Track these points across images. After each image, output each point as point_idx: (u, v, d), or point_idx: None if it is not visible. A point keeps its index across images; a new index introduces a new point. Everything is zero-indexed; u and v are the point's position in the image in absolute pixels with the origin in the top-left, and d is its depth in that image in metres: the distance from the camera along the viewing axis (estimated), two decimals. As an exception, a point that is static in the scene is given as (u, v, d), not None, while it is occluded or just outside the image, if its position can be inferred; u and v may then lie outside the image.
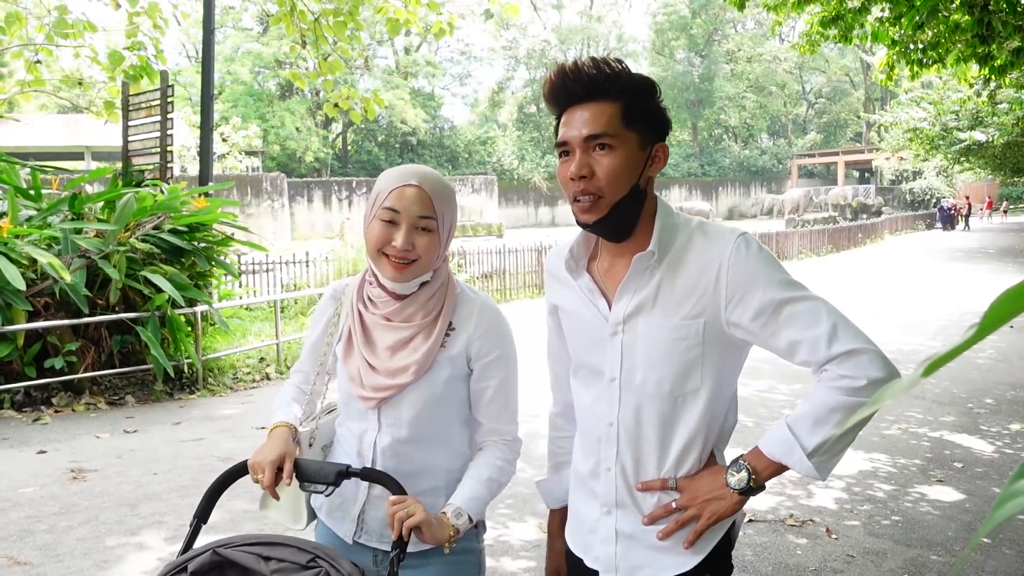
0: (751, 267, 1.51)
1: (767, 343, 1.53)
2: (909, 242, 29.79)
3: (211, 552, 1.55)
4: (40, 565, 3.82)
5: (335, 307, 1.90)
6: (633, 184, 1.54)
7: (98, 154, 26.21)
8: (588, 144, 1.52)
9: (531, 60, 54.21)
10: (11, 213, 7.06)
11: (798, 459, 1.48)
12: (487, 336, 1.78)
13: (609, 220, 1.54)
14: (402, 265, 1.70)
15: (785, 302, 1.49)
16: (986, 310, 0.38)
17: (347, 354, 1.82)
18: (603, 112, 1.52)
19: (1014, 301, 0.37)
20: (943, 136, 20.78)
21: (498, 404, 1.81)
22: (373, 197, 1.75)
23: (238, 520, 4.30)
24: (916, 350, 9.60)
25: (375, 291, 1.80)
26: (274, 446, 1.74)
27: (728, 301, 1.52)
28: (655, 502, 1.61)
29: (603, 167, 1.52)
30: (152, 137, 8.85)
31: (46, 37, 9.89)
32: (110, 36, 13.17)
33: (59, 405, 6.90)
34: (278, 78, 43.22)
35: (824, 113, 60.15)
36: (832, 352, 1.46)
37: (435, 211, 1.72)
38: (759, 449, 1.55)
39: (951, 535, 4.24)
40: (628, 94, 1.53)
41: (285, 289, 12.04)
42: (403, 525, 1.60)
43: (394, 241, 1.69)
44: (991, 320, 0.37)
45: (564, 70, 1.55)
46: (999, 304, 0.36)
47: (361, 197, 33.50)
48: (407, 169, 1.75)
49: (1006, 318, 0.38)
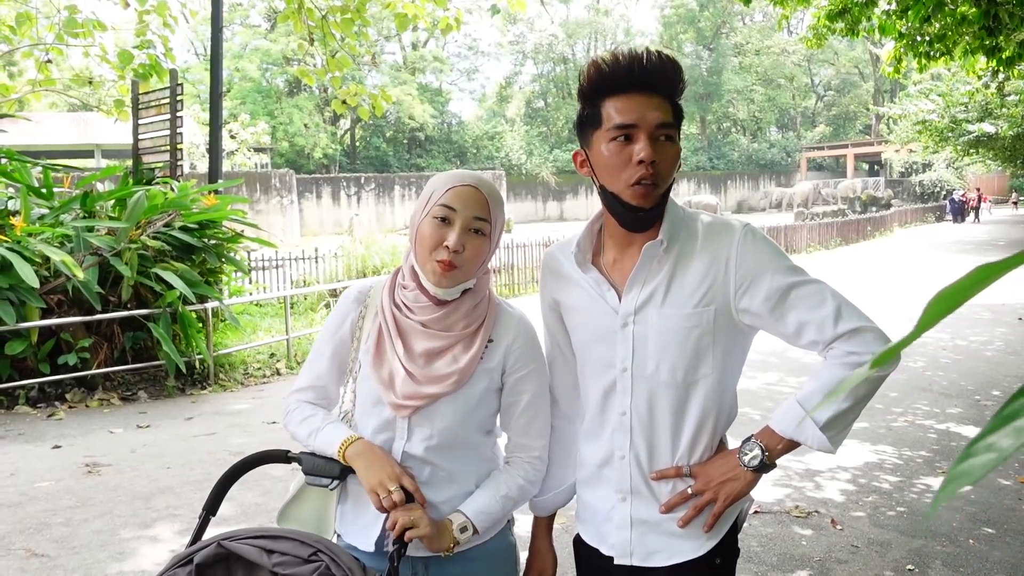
0: (759, 255, 1.58)
1: (774, 327, 1.60)
2: (919, 235, 29.69)
3: (216, 545, 1.58)
4: (57, 557, 3.90)
5: (359, 310, 1.83)
6: (673, 178, 1.62)
7: (108, 152, 26.35)
8: (658, 131, 1.57)
9: (538, 55, 54.18)
10: (24, 211, 7.14)
11: (811, 433, 1.54)
12: (523, 351, 1.78)
13: (658, 208, 1.61)
14: (449, 267, 1.66)
15: (792, 286, 1.56)
16: (923, 309, 0.42)
17: (378, 359, 1.75)
18: (663, 105, 1.58)
19: (951, 299, 0.42)
20: (952, 128, 20.67)
21: (527, 418, 1.79)
22: (425, 198, 1.71)
23: (250, 513, 4.36)
24: (924, 343, 9.60)
25: (412, 294, 1.74)
26: (383, 462, 1.69)
27: (738, 288, 1.58)
28: (670, 489, 1.66)
29: (667, 155, 1.58)
30: (162, 135, 8.92)
31: (56, 36, 9.97)
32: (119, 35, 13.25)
33: (73, 401, 6.99)
34: (286, 75, 43.34)
35: (833, 106, 59.91)
36: (838, 331, 1.54)
37: (490, 214, 1.70)
38: (770, 428, 1.60)
39: (956, 526, 4.28)
40: (678, 95, 1.62)
41: (295, 285, 12.12)
42: (404, 532, 1.63)
43: (447, 241, 1.65)
44: (929, 318, 0.42)
45: (637, 57, 1.58)
46: (935, 304, 0.41)
47: (370, 193, 33.59)
48: (462, 172, 1.75)
49: (943, 315, 0.42)
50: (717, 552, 1.66)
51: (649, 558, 1.67)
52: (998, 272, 0.40)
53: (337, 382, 1.86)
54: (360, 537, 1.78)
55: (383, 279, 1.85)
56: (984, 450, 0.37)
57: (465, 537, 1.71)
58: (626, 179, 1.56)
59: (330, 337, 1.85)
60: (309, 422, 1.80)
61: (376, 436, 1.76)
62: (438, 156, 46.34)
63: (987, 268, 0.41)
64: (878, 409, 6.67)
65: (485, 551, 1.80)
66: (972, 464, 0.37)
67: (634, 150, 1.55)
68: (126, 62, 9.49)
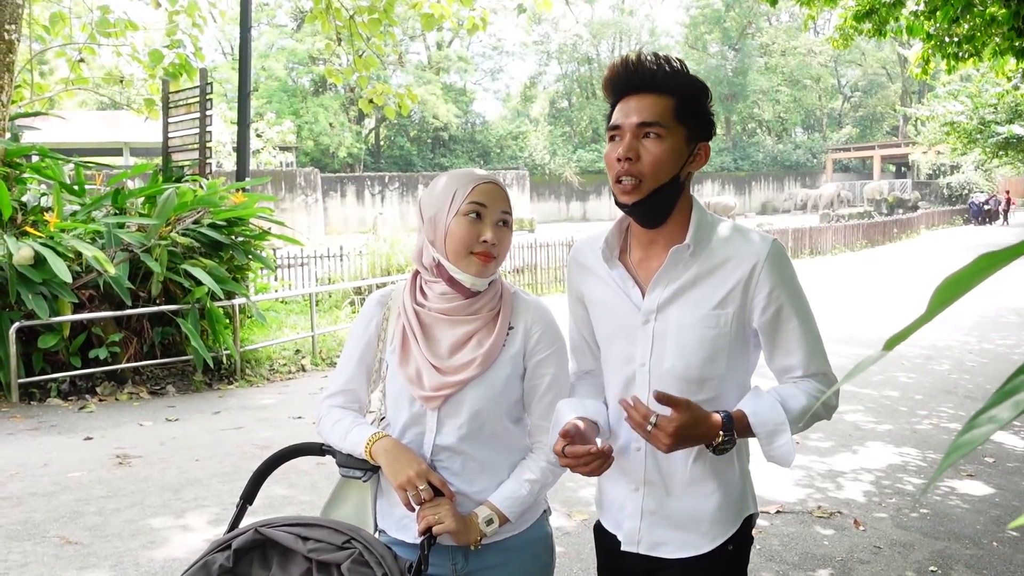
0: (784, 273, 1.66)
1: (762, 334, 1.68)
2: (946, 237, 29.36)
3: (253, 531, 1.64)
4: (90, 544, 3.99)
5: (383, 312, 1.89)
6: (675, 175, 1.65)
7: (136, 150, 26.66)
8: (639, 130, 1.63)
9: (563, 55, 54.12)
10: (56, 208, 7.29)
11: (784, 444, 1.59)
12: (543, 334, 1.83)
13: (646, 203, 1.64)
14: (489, 258, 1.74)
15: (793, 315, 1.66)
16: (932, 293, 0.46)
17: (404, 357, 1.81)
18: (657, 103, 1.63)
19: (957, 285, 0.46)
20: (981, 130, 20.46)
21: (548, 400, 1.83)
22: (446, 198, 1.76)
23: (276, 505, 4.44)
24: (950, 346, 9.53)
25: (440, 288, 1.80)
26: (409, 459, 1.73)
27: (756, 295, 1.64)
28: (684, 479, 1.69)
29: (649, 153, 1.62)
30: (191, 133, 9.04)
31: (89, 36, 10.14)
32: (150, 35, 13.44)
33: (103, 394, 7.12)
34: (312, 74, 43.63)
35: (860, 107, 59.32)
36: (813, 370, 1.68)
37: (510, 206, 1.81)
38: (747, 421, 1.59)
39: (979, 528, 4.26)
40: (682, 91, 1.65)
41: (320, 283, 12.23)
42: (430, 527, 1.69)
43: (483, 236, 1.73)
44: (937, 303, 0.46)
45: (627, 61, 1.66)
46: (941, 290, 0.45)
47: (394, 192, 33.73)
48: (474, 171, 1.83)
49: (950, 301, 0.46)
50: (729, 540, 1.71)
51: (656, 548, 1.72)
52: (1001, 261, 0.44)
53: (366, 385, 1.91)
54: (401, 531, 1.84)
55: (403, 283, 1.90)
56: (986, 421, 0.41)
57: (492, 529, 1.75)
58: (613, 177, 1.66)
59: (357, 342, 1.90)
60: (340, 425, 1.85)
61: (407, 431, 1.81)
62: (462, 156, 46.45)
63: (991, 256, 0.45)
64: (903, 412, 6.65)
65: (522, 540, 1.84)
66: (973, 434, 0.41)
67: (618, 149, 1.63)
68: (156, 61, 9.64)
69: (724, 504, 1.70)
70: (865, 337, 9.64)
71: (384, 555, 1.58)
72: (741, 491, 1.74)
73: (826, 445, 5.73)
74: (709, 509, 1.69)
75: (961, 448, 0.42)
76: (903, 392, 7.34)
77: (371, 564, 1.55)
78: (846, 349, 8.48)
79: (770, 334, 1.67)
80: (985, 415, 0.42)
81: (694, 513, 1.70)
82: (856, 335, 9.67)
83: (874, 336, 9.71)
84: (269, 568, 1.63)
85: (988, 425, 0.41)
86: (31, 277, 6.54)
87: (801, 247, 22.33)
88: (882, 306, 12.62)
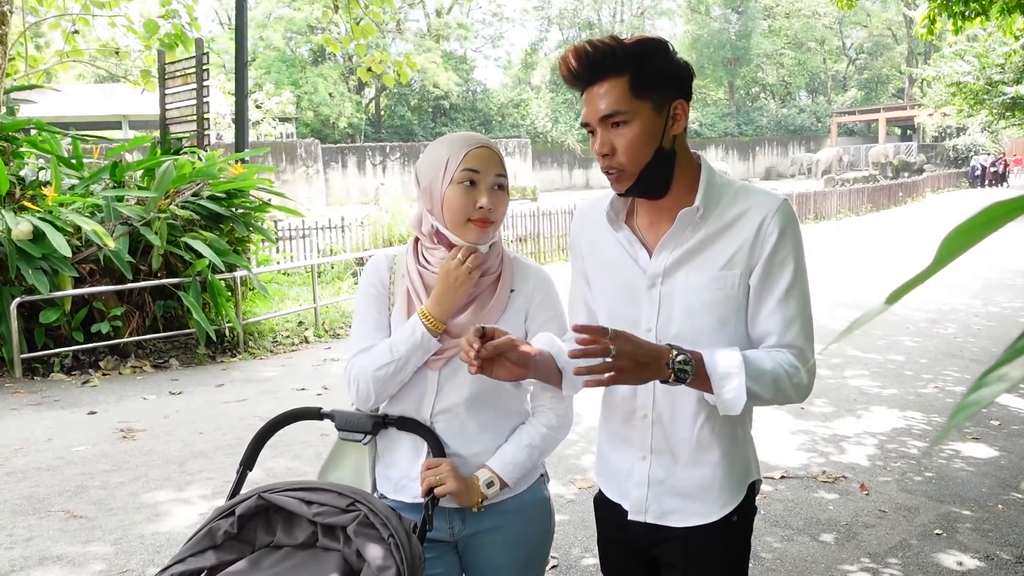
0: (789, 232, 1.60)
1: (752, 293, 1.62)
2: (952, 200, 29.19)
3: (257, 497, 1.63)
4: (95, 518, 4.00)
5: (389, 274, 1.88)
6: (656, 148, 1.59)
7: (135, 123, 26.56)
8: (605, 123, 1.58)
9: (564, 20, 53.55)
10: (55, 182, 7.24)
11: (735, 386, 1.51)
12: (543, 297, 1.85)
13: (640, 186, 1.61)
14: (486, 223, 1.75)
15: (787, 276, 1.59)
16: (939, 244, 0.42)
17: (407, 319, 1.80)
18: (612, 89, 1.56)
19: (965, 236, 0.42)
20: (988, 90, 20.19)
21: None
22: (439, 166, 1.76)
23: (280, 478, 4.44)
24: (955, 309, 9.49)
25: (440, 253, 1.79)
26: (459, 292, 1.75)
27: (760, 252, 1.59)
28: (692, 446, 1.66)
29: (621, 143, 1.58)
30: (189, 105, 8.97)
31: (83, 7, 10.03)
32: (144, 5, 13.29)
33: (106, 368, 7.12)
34: (310, 43, 43.23)
35: (865, 69, 58.69)
36: (789, 340, 1.60)
37: (505, 169, 1.80)
38: (703, 362, 1.52)
39: (984, 491, 4.25)
40: (632, 64, 1.56)
41: (321, 254, 12.20)
42: (432, 489, 1.71)
43: (479, 203, 1.73)
44: (944, 254, 0.42)
45: (568, 58, 1.60)
46: (950, 240, 0.41)
47: (395, 162, 33.56)
48: (468, 134, 1.82)
49: (959, 252, 0.42)
50: (734, 511, 1.69)
51: (664, 517, 1.70)
52: (1014, 211, 0.40)
53: (386, 336, 1.84)
54: (399, 492, 1.85)
55: (405, 247, 1.90)
56: (995, 380, 0.38)
57: (492, 492, 1.77)
58: (601, 170, 1.64)
59: (368, 299, 1.86)
60: (376, 349, 1.78)
61: (408, 393, 1.82)
62: (463, 124, 46.15)
63: (1002, 205, 0.41)
64: (907, 376, 6.62)
65: (519, 503, 1.85)
66: (982, 393, 0.38)
67: (595, 145, 1.61)
68: (152, 32, 9.54)
69: (731, 471, 1.68)
70: (870, 301, 9.59)
71: (389, 516, 1.58)
72: (745, 456, 1.72)
73: (830, 410, 5.72)
74: (717, 477, 1.67)
75: (969, 407, 0.39)
76: (908, 356, 7.31)
77: (376, 526, 1.56)
78: (851, 313, 8.44)
79: (758, 290, 1.60)
80: (995, 374, 0.39)
81: (702, 481, 1.68)
82: (862, 300, 9.62)
83: (879, 300, 9.65)
84: (274, 533, 1.64)
85: (998, 384, 0.38)
86: (30, 252, 6.51)
87: (806, 212, 22.18)
88: (887, 270, 12.55)
